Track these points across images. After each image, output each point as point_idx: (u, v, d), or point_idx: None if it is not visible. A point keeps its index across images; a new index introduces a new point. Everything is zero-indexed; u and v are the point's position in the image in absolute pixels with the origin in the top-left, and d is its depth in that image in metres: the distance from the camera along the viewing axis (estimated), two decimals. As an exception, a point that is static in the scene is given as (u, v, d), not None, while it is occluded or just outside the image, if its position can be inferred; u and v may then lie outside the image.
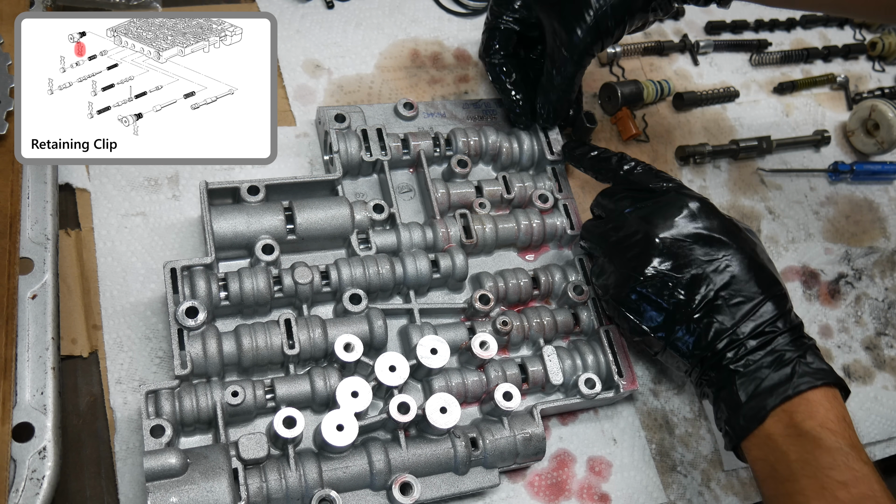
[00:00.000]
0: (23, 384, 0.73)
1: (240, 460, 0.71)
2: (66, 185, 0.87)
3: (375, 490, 0.76)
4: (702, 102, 1.20)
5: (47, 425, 0.72)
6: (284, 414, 0.73)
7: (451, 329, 0.86)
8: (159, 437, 0.71)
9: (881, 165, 1.23)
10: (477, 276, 0.90)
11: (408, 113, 0.98)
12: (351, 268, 0.83)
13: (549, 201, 0.96)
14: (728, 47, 1.28)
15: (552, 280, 0.92)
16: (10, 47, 0.84)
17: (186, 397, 0.74)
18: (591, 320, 0.90)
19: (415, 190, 0.95)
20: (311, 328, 0.79)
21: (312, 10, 1.09)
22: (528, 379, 0.86)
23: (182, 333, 0.76)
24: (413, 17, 1.13)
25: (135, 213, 0.89)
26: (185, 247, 0.89)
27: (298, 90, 1.02)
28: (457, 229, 0.90)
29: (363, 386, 0.76)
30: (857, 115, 1.24)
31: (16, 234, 0.79)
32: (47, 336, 0.76)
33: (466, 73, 1.11)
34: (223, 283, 0.80)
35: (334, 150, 0.91)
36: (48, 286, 0.78)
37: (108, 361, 0.81)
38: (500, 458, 0.80)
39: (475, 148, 0.97)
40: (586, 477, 0.89)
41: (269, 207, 0.84)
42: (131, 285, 0.85)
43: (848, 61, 1.36)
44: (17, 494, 0.69)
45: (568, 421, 0.92)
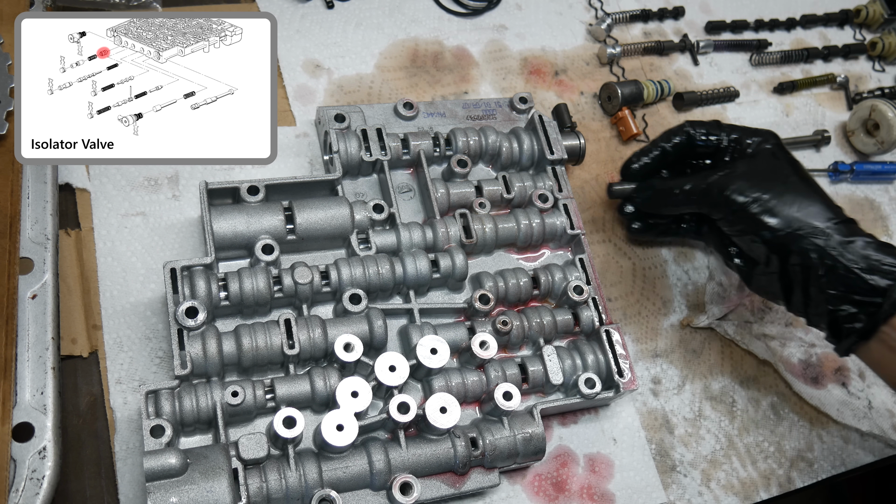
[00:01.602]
0: (23, 384, 0.73)
1: (240, 460, 0.71)
2: (66, 185, 0.87)
3: (375, 490, 0.76)
4: (702, 102, 1.20)
5: (47, 425, 0.72)
6: (284, 414, 0.73)
7: (451, 329, 0.86)
8: (159, 437, 0.71)
9: (881, 165, 1.23)
10: (477, 276, 0.90)
11: (408, 113, 0.98)
12: (351, 268, 0.83)
13: (549, 201, 0.96)
14: (728, 47, 1.28)
15: (552, 280, 0.92)
16: (10, 47, 0.84)
17: (186, 397, 0.74)
18: (591, 320, 0.90)
19: (415, 190, 0.95)
20: (311, 328, 0.79)
21: (312, 10, 1.09)
22: (528, 379, 0.86)
23: (182, 333, 0.76)
24: (413, 17, 1.13)
25: (135, 213, 0.89)
26: (185, 247, 0.89)
27: (298, 90, 1.02)
28: (457, 229, 0.90)
29: (363, 386, 0.76)
30: (857, 115, 1.24)
31: (16, 234, 0.79)
32: (47, 336, 0.76)
33: (466, 73, 1.11)
34: (223, 283, 0.80)
35: (334, 150, 0.91)
36: (48, 286, 0.78)
37: (108, 361, 0.81)
38: (500, 458, 0.80)
39: (475, 148, 0.97)
40: (586, 477, 0.89)
41: (268, 207, 0.84)
42: (131, 285, 0.85)
43: (848, 61, 1.36)
44: (17, 494, 0.69)
45: (568, 421, 0.92)
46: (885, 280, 0.79)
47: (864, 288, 0.79)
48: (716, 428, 0.97)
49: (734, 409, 0.99)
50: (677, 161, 0.97)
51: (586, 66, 1.19)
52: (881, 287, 0.79)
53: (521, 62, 1.15)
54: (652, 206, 0.96)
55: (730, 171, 0.88)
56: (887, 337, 0.79)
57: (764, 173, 0.87)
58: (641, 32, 1.25)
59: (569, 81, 1.16)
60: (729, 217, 0.87)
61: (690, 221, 0.99)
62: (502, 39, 1.16)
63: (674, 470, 0.93)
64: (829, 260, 0.81)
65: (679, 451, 0.94)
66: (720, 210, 0.88)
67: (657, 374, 0.98)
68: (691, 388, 0.99)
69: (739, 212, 0.85)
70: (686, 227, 0.99)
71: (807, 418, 1.02)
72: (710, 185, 0.88)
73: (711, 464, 0.95)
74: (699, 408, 0.98)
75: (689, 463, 0.94)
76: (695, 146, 0.94)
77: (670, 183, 0.93)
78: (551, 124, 0.99)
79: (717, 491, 0.93)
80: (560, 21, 1.21)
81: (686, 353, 1.01)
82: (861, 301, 0.80)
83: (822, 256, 0.81)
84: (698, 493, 0.93)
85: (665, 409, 0.96)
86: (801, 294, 0.84)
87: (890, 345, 0.80)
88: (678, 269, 1.06)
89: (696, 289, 1.05)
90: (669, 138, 0.95)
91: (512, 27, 1.17)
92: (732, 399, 1.00)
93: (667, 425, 0.95)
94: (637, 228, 0.99)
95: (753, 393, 1.01)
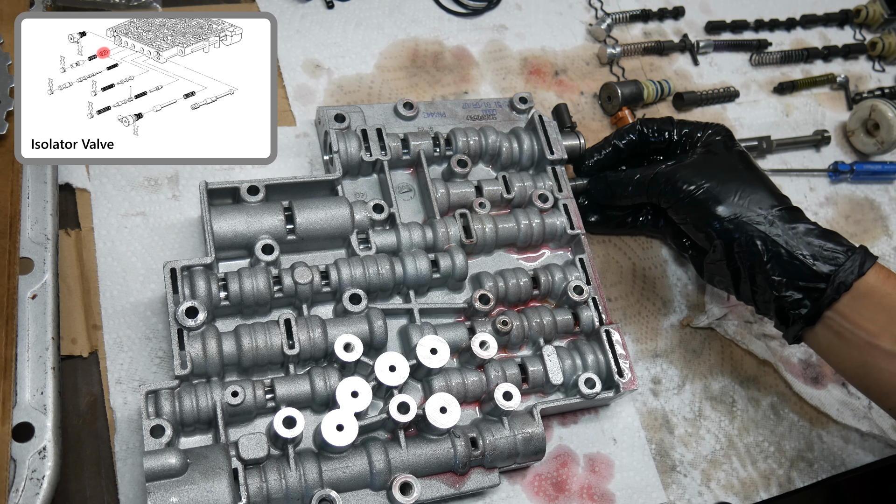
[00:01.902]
0: (23, 384, 0.73)
1: (240, 460, 0.71)
2: (66, 185, 0.87)
3: (375, 490, 0.76)
4: (702, 102, 1.20)
5: (47, 425, 0.72)
6: (284, 414, 0.73)
7: (451, 329, 0.86)
8: (159, 437, 0.71)
9: (881, 165, 1.23)
10: (477, 276, 0.90)
11: (408, 113, 0.98)
12: (351, 268, 0.83)
13: (549, 201, 0.96)
14: (728, 47, 1.28)
15: (552, 280, 0.92)
16: (10, 47, 0.84)
17: (186, 397, 0.74)
18: (591, 320, 0.90)
19: (415, 190, 0.95)
20: (311, 328, 0.79)
21: (312, 10, 1.09)
22: (528, 379, 0.86)
23: (182, 333, 0.76)
24: (413, 17, 1.13)
25: (135, 213, 0.89)
26: (185, 247, 0.89)
27: (298, 90, 1.02)
28: (457, 229, 0.90)
29: (363, 386, 0.76)
30: (857, 115, 1.24)
31: (16, 234, 0.79)
32: (47, 336, 0.76)
33: (466, 73, 1.11)
34: (223, 283, 0.80)
35: (334, 150, 0.91)
36: (48, 286, 0.78)
37: (108, 361, 0.81)
38: (500, 458, 0.80)
39: (475, 148, 0.97)
40: (586, 477, 0.89)
41: (268, 207, 0.84)
42: (131, 285, 0.85)
43: (848, 61, 1.36)
44: (17, 494, 0.69)
45: (568, 421, 0.92)
46: (828, 266, 0.80)
47: (808, 274, 0.81)
48: (716, 428, 0.97)
49: (734, 409, 0.99)
50: (632, 157, 1.00)
51: (586, 66, 1.19)
52: (824, 273, 0.80)
53: (521, 62, 1.15)
54: (606, 198, 0.98)
55: (678, 162, 0.91)
56: (832, 322, 0.81)
57: (711, 163, 0.90)
58: (641, 32, 1.25)
59: (569, 81, 1.16)
60: (676, 206, 0.89)
61: (648, 215, 1.02)
62: (502, 39, 1.16)
63: (674, 470, 0.93)
64: (773, 246, 0.82)
65: (679, 451, 0.94)
66: (668, 199, 0.90)
67: (657, 374, 0.98)
68: (691, 388, 0.99)
69: (686, 199, 0.87)
70: (643, 220, 1.02)
71: (807, 418, 1.02)
72: (658, 175, 0.90)
73: (711, 464, 0.95)
74: (699, 408, 0.98)
75: (689, 463, 0.94)
76: (648, 143, 0.98)
77: (622, 175, 0.96)
78: (551, 124, 0.99)
79: (717, 491, 0.93)
80: (560, 21, 1.21)
81: (686, 353, 1.01)
82: (805, 287, 0.81)
83: (766, 243, 0.83)
84: (698, 493, 0.93)
85: (665, 409, 0.96)
86: (748, 281, 0.86)
87: (836, 329, 0.81)
88: (678, 269, 1.06)
89: (696, 289, 1.05)
90: (622, 136, 0.99)
91: (512, 27, 1.17)
92: (732, 399, 1.00)
93: (667, 425, 0.95)
94: (594, 222, 1.02)
95: (753, 393, 1.01)
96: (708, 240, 0.88)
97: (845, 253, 0.81)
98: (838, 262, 0.80)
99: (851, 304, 0.80)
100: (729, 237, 0.85)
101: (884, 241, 1.19)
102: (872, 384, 0.82)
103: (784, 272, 0.82)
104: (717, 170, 0.88)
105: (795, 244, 0.82)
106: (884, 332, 0.79)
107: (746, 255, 0.84)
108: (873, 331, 0.79)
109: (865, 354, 0.80)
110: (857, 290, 0.79)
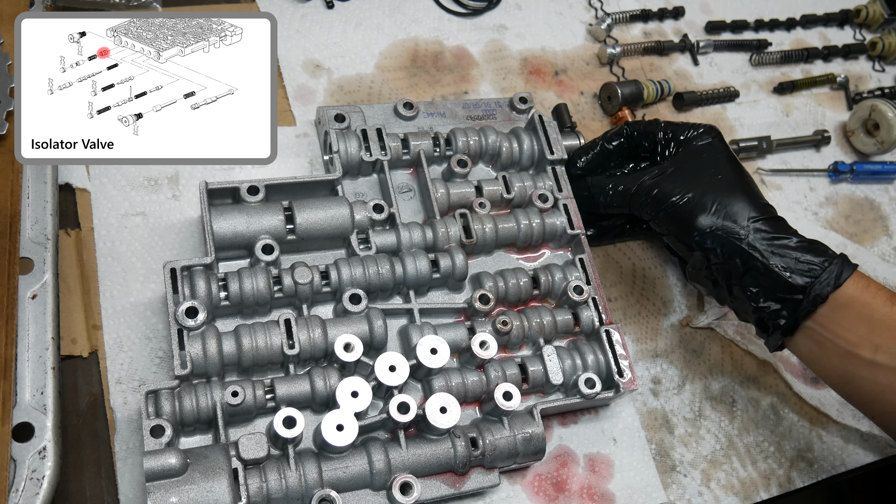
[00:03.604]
0: (23, 384, 0.73)
1: (240, 460, 0.71)
2: (66, 185, 0.87)
3: (375, 490, 0.76)
4: (702, 102, 1.20)
5: (47, 425, 0.72)
6: (284, 414, 0.73)
7: (451, 329, 0.86)
8: (159, 437, 0.71)
9: (881, 165, 1.23)
10: (477, 276, 0.90)
11: (408, 113, 0.98)
12: (351, 268, 0.83)
13: (549, 201, 0.96)
14: (728, 47, 1.28)
15: (552, 280, 0.92)
16: (10, 47, 0.84)
17: (186, 397, 0.74)
18: (591, 320, 0.90)
19: (415, 190, 0.95)
20: (311, 328, 0.79)
21: (312, 10, 1.09)
22: (528, 379, 0.86)
23: (182, 333, 0.76)
24: (413, 17, 1.13)
25: (135, 213, 0.89)
26: (185, 247, 0.89)
27: (298, 90, 1.02)
28: (457, 229, 0.90)
29: (363, 386, 0.76)
30: (857, 115, 1.24)
31: (16, 234, 0.79)
32: (47, 336, 0.76)
33: (466, 73, 1.11)
34: (223, 283, 0.80)
35: (334, 150, 0.91)
36: (48, 286, 0.78)
37: (108, 361, 0.81)
38: (500, 458, 0.80)
39: (475, 148, 0.97)
40: (586, 477, 0.89)
41: (268, 207, 0.84)
42: (131, 285, 0.85)
43: (848, 61, 1.36)
44: (17, 494, 0.69)
45: (568, 421, 0.92)
46: (804, 278, 0.80)
47: (784, 286, 0.81)
48: (716, 428, 0.97)
49: (734, 409, 0.99)
50: (621, 158, 0.99)
51: (586, 66, 1.19)
52: (800, 285, 0.80)
53: (521, 62, 1.15)
54: (588, 205, 0.97)
55: (660, 171, 0.90)
56: (812, 332, 0.81)
57: (692, 172, 0.89)
58: (641, 32, 1.25)
59: (569, 81, 1.16)
60: (656, 219, 0.89)
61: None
62: (502, 39, 1.16)
63: (674, 470, 0.93)
64: (749, 260, 0.82)
65: (679, 451, 0.94)
66: (648, 212, 0.90)
67: (657, 374, 0.98)
68: (691, 388, 0.99)
69: (665, 213, 0.87)
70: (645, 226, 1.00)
71: (807, 418, 1.02)
72: (639, 189, 0.90)
73: (711, 464, 0.95)
74: (699, 408, 0.98)
75: (689, 463, 0.94)
76: (635, 146, 0.97)
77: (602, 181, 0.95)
78: (551, 124, 0.99)
79: (717, 491, 0.93)
80: (560, 21, 1.21)
81: (686, 353, 1.01)
82: (783, 298, 0.81)
83: (742, 256, 0.83)
84: (698, 493, 0.93)
85: (665, 409, 0.96)
86: (726, 291, 0.86)
87: (815, 339, 0.81)
88: (678, 269, 1.06)
89: (696, 289, 1.05)
90: (610, 140, 0.98)
91: (512, 27, 1.17)
92: (732, 399, 1.00)
93: (667, 425, 0.95)
94: (591, 235, 1.00)
95: (753, 393, 1.01)
96: (689, 250, 0.88)
97: (822, 265, 0.80)
98: (815, 273, 0.80)
99: (830, 314, 0.80)
100: (706, 249, 0.85)
101: (884, 241, 1.19)
102: (854, 392, 0.83)
103: (760, 284, 0.82)
104: (698, 179, 0.88)
105: (772, 257, 0.82)
106: (863, 342, 0.79)
107: (723, 267, 0.84)
108: (853, 340, 0.79)
109: (846, 363, 0.80)
110: (836, 301, 0.79)
